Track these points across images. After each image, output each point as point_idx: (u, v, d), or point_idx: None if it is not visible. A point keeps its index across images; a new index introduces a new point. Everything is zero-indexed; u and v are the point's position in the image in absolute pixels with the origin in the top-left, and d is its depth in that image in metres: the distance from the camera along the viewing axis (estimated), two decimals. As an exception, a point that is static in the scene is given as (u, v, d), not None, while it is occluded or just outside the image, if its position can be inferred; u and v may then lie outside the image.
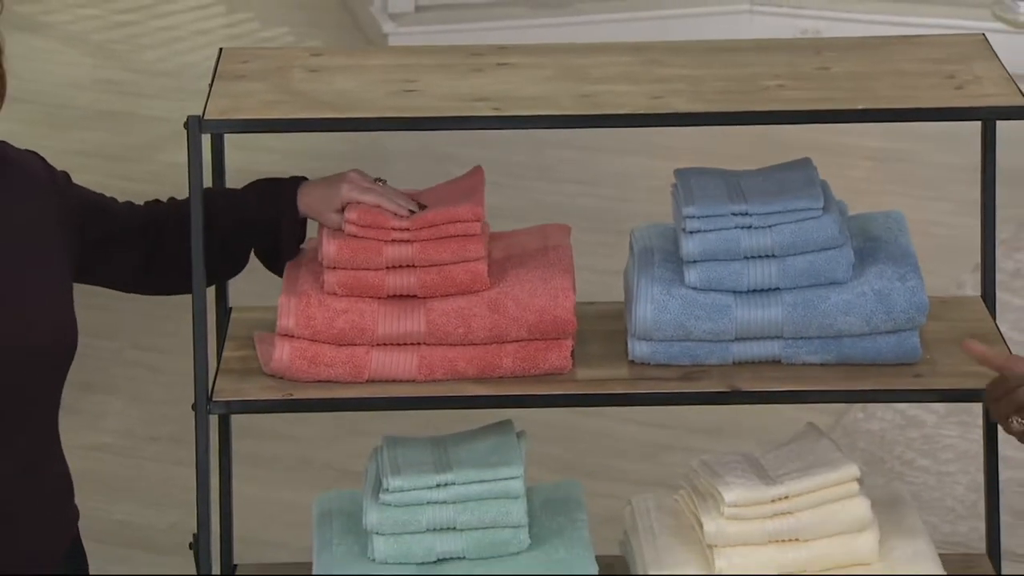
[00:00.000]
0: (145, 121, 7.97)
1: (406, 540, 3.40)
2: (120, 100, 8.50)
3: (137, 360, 3.85)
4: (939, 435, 5.89)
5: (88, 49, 9.23)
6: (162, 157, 6.35)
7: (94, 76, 8.88)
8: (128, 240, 3.40)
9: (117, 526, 5.11)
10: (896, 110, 3.34)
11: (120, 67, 8.94)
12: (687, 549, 3.43)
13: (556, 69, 3.49)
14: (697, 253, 3.41)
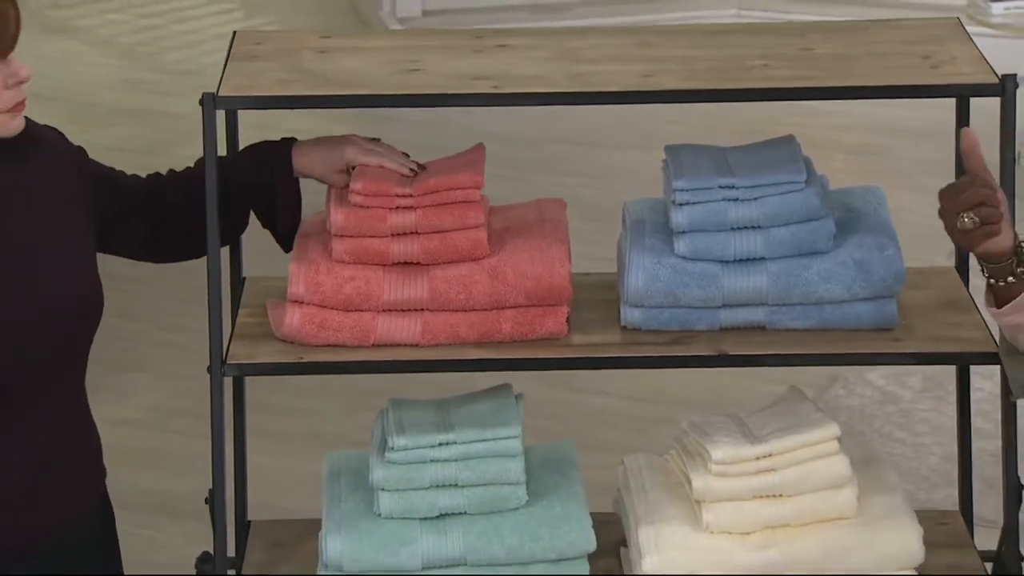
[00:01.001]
0: (168, 118, 7.96)
1: (410, 496, 3.37)
2: (144, 98, 8.49)
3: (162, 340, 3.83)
4: (915, 409, 5.88)
5: (115, 51, 9.21)
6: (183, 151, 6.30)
7: (120, 76, 8.86)
8: (136, 212, 3.37)
9: (141, 493, 5.09)
10: (875, 87, 3.31)
11: (145, 68, 8.92)
12: (676, 504, 3.40)
13: (552, 50, 3.47)
14: (686, 224, 3.38)
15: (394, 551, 3.35)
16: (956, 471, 3.70)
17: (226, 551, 3.43)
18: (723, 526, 3.33)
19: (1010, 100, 3.23)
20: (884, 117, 7.86)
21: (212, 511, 3.43)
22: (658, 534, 3.34)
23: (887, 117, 7.85)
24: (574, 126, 7.03)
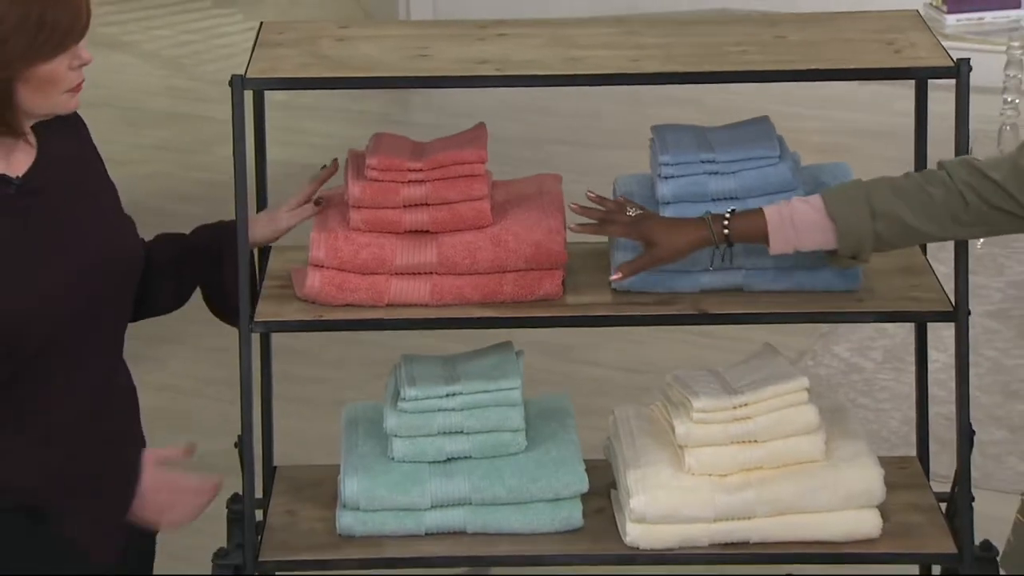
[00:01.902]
0: (206, 121, 7.94)
1: (420, 442, 3.35)
2: (186, 104, 8.47)
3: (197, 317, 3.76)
4: (876, 379, 5.85)
5: (160, 63, 9.20)
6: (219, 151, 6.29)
7: (164, 84, 8.85)
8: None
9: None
10: (842, 70, 3.26)
11: (186, 77, 8.91)
12: (661, 449, 3.37)
13: (548, 38, 3.42)
14: (670, 195, 3.34)
15: (406, 491, 3.33)
16: (914, 434, 3.68)
17: (254, 492, 3.39)
18: (703, 468, 3.30)
19: (964, 81, 3.18)
20: (848, 120, 7.83)
21: (241, 455, 3.40)
22: (644, 476, 3.30)
23: (851, 120, 7.82)
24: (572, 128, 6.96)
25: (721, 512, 3.29)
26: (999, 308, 6.25)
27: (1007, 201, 3.05)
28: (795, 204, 3.16)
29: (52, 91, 2.97)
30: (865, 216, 3.11)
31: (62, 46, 2.92)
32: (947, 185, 3.08)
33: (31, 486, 3.03)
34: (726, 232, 3.19)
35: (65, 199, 3.08)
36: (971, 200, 3.07)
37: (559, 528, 3.36)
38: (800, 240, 3.16)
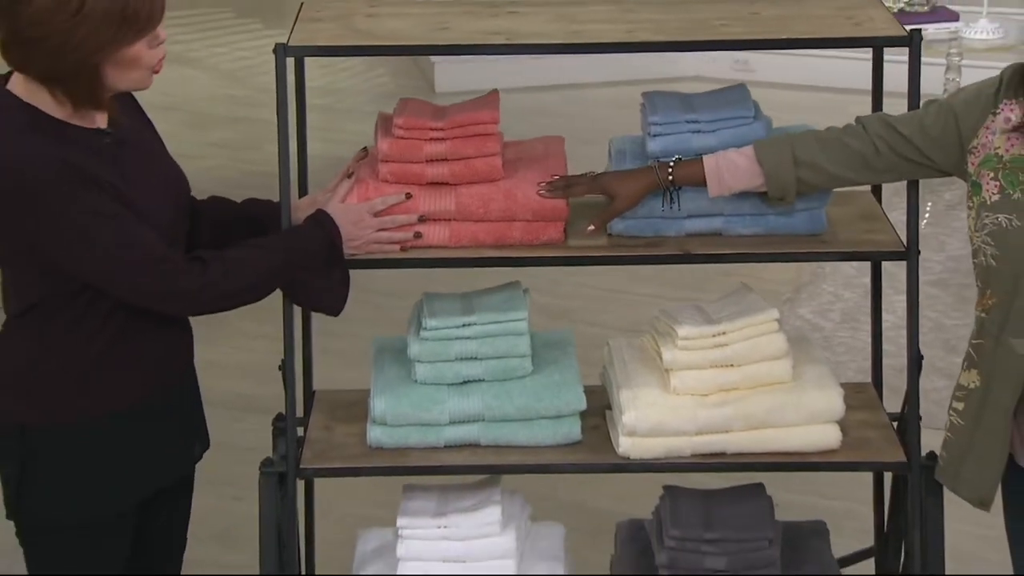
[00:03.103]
0: (259, 123, 7.90)
1: (439, 366, 3.30)
2: (242, 109, 8.45)
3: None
4: (835, 336, 5.82)
5: (220, 75, 9.19)
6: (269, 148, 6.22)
7: (224, 93, 8.84)
8: None
9: (235, 396, 5.00)
10: (810, 39, 3.20)
11: (242, 87, 8.90)
12: (650, 373, 3.31)
13: (553, 15, 3.35)
14: (659, 151, 3.25)
15: (427, 409, 3.28)
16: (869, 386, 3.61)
17: (295, 411, 3.32)
18: (687, 389, 3.25)
19: (916, 49, 3.11)
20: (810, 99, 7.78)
21: (284, 378, 3.33)
22: (635, 396, 3.25)
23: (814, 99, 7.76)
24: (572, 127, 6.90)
25: (702, 426, 3.23)
26: (939, 278, 6.29)
27: (912, 151, 3.07)
28: (729, 154, 3.16)
29: (135, 70, 2.96)
30: (789, 163, 3.11)
31: (142, 32, 2.92)
32: (862, 137, 3.10)
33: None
34: (671, 178, 3.17)
35: (140, 144, 3.12)
36: (882, 150, 3.08)
37: (560, 441, 3.30)
38: (733, 184, 3.16)
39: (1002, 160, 2.92)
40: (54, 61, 2.88)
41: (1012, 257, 2.87)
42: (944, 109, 3.02)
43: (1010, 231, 2.88)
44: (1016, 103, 2.90)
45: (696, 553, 3.28)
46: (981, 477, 3.03)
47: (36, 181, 2.88)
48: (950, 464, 3.10)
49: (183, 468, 3.30)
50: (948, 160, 3.03)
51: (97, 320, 3.03)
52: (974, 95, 3.00)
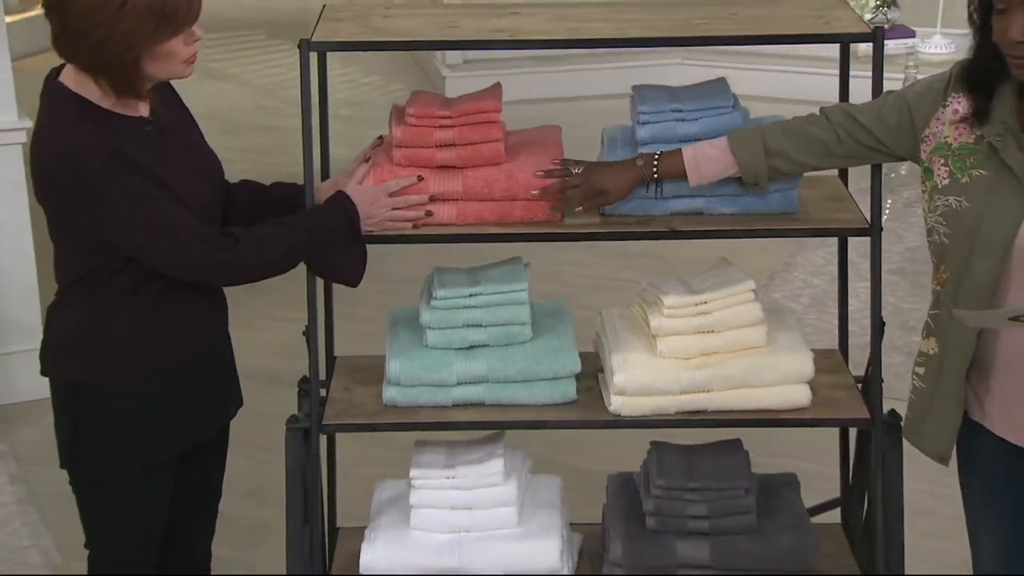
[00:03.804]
0: (286, 131, 7.91)
1: (448, 332, 3.27)
2: (271, 119, 8.43)
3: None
4: (804, 319, 5.78)
5: (252, 88, 9.18)
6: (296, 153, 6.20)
7: (255, 104, 8.83)
8: None
9: (265, 370, 5.00)
10: (784, 35, 3.16)
11: (271, 99, 8.89)
12: (638, 339, 3.28)
13: (552, 15, 3.31)
14: (647, 137, 3.21)
15: (437, 370, 3.25)
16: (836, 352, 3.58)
17: (318, 374, 3.31)
18: (672, 353, 3.22)
19: (879, 44, 3.09)
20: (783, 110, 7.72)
21: (308, 343, 3.30)
22: (625, 359, 3.22)
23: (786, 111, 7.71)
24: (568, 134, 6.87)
25: (685, 386, 3.20)
26: (898, 267, 6.27)
27: (870, 139, 3.05)
28: (704, 146, 3.14)
29: (171, 62, 2.95)
30: (760, 152, 3.10)
31: (180, 29, 2.91)
32: (825, 126, 3.09)
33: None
34: (655, 173, 3.14)
35: (179, 132, 3.12)
36: (843, 138, 3.07)
37: (557, 400, 3.27)
38: (710, 174, 3.14)
39: (951, 148, 2.89)
40: (98, 53, 2.87)
41: (962, 235, 2.85)
42: (899, 100, 3.00)
43: (960, 212, 2.85)
44: (963, 96, 2.88)
45: (680, 501, 3.26)
46: (940, 434, 3.01)
47: (85, 166, 2.88)
48: (913, 423, 3.08)
49: (219, 423, 3.31)
50: (902, 147, 3.01)
51: (139, 290, 3.04)
52: (926, 88, 2.98)
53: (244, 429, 3.58)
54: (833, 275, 5.67)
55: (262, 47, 9.99)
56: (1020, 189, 2.78)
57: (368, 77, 9.06)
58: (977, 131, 2.85)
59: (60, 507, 4.02)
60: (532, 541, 3.29)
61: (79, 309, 3.06)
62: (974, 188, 2.84)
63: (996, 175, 2.82)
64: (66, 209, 2.95)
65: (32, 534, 4.53)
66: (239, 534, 4.40)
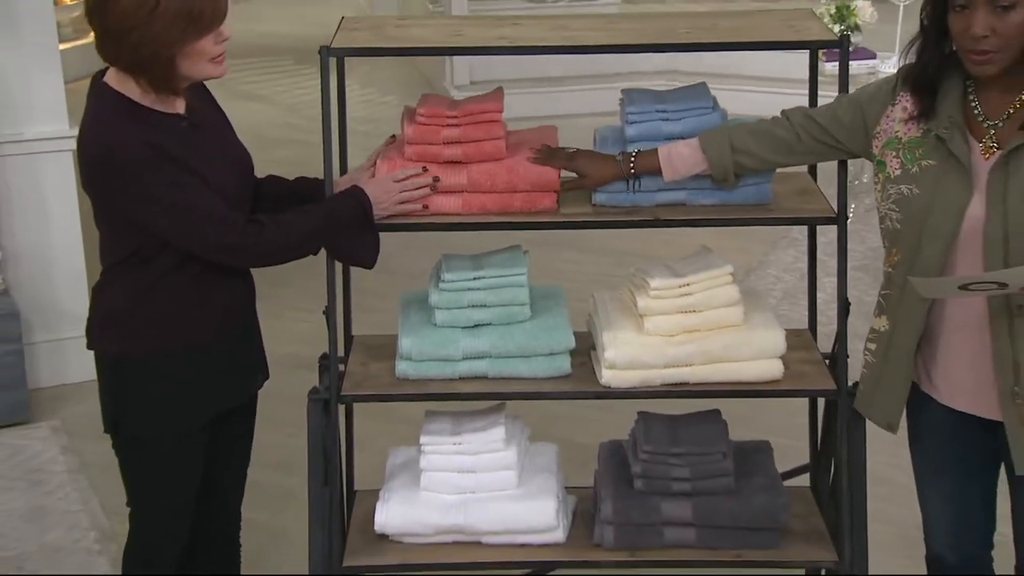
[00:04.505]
0: (311, 146, 7.80)
1: (455, 312, 3.23)
2: (298, 134, 8.41)
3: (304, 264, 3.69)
4: (778, 310, 5.65)
5: (280, 107, 9.17)
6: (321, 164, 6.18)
7: (284, 121, 8.80)
8: None
9: (291, 356, 4.95)
10: (759, 41, 3.13)
11: (298, 116, 8.87)
12: (627, 318, 3.24)
13: (551, 26, 3.28)
14: (635, 135, 3.17)
15: (444, 346, 3.21)
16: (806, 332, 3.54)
17: (336, 350, 3.25)
18: (658, 330, 3.18)
19: (846, 50, 3.06)
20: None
21: (328, 322, 3.24)
22: (615, 336, 3.18)
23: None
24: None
25: (669, 361, 3.16)
26: (861, 264, 6.25)
27: (827, 137, 3.02)
28: (678, 145, 3.11)
29: (201, 60, 2.93)
30: (727, 151, 3.06)
31: (207, 30, 2.89)
32: (786, 127, 3.06)
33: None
34: (632, 169, 3.11)
35: (212, 128, 3.10)
36: (803, 137, 3.04)
37: (553, 374, 3.23)
38: (682, 170, 3.10)
39: (902, 142, 2.88)
40: (136, 53, 2.86)
41: (914, 220, 2.84)
42: (853, 102, 2.99)
43: (910, 198, 2.84)
44: (910, 96, 2.87)
45: (664, 464, 3.22)
46: (889, 405, 3.00)
47: (126, 158, 2.87)
48: (864, 395, 3.06)
49: (247, 392, 3.30)
50: (856, 144, 2.99)
51: (176, 271, 3.02)
52: (876, 89, 2.97)
53: (272, 407, 3.57)
54: (802, 271, 5.67)
55: (289, 71, 9.97)
56: (966, 177, 2.77)
57: (385, 97, 9.02)
58: (924, 126, 2.84)
59: (106, 476, 4.01)
60: (530, 501, 3.26)
61: (121, 289, 3.05)
62: (923, 177, 2.82)
63: (944, 165, 2.80)
64: (108, 196, 2.94)
65: (82, 499, 4.54)
66: (268, 500, 4.40)
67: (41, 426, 5.03)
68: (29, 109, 5.09)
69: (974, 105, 2.79)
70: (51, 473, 4.71)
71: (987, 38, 2.66)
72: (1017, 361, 2.79)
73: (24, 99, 5.07)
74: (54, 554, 4.25)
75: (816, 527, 3.35)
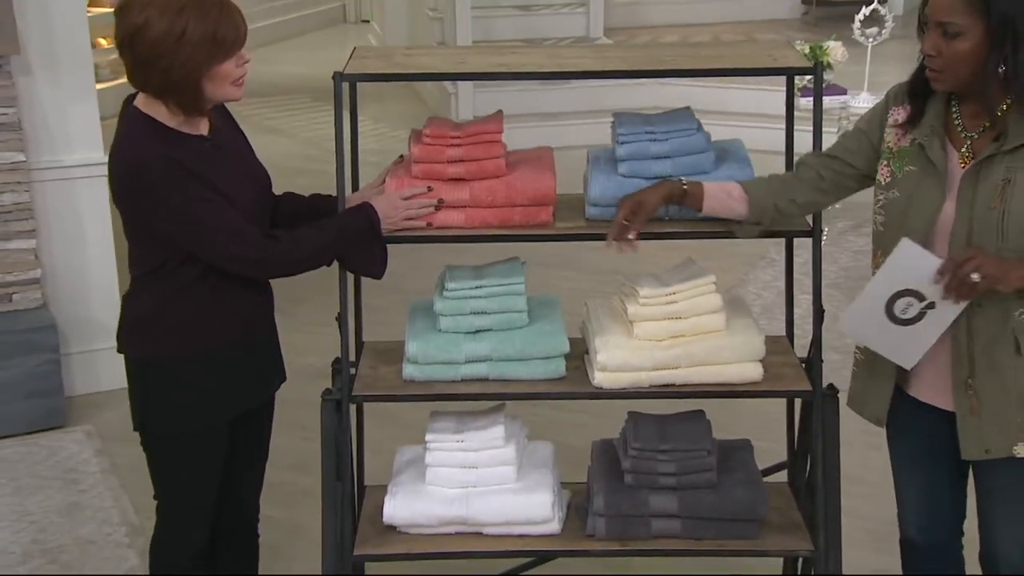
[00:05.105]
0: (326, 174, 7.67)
1: (458, 319, 3.19)
2: (315, 165, 8.38)
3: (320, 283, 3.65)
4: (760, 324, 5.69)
5: (298, 140, 9.15)
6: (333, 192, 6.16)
7: (302, 153, 8.78)
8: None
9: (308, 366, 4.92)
10: (741, 68, 3.10)
11: (315, 149, 8.85)
12: (618, 324, 3.20)
13: (546, 55, 3.26)
14: (625, 155, 3.14)
15: (447, 350, 3.17)
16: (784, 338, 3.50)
17: (348, 355, 3.22)
18: (646, 335, 3.14)
19: (819, 76, 3.03)
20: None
21: (340, 328, 3.21)
22: (607, 341, 3.15)
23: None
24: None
25: (657, 364, 3.12)
26: (834, 282, 6.21)
27: (843, 166, 2.99)
28: (727, 185, 3.03)
29: (224, 83, 2.90)
30: (768, 195, 3.01)
31: (230, 53, 2.87)
32: (808, 169, 3.02)
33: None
34: (684, 185, 3.01)
35: (234, 148, 3.07)
36: (825, 174, 3.00)
37: (550, 376, 3.19)
38: (724, 210, 3.02)
39: (892, 151, 2.89)
40: (165, 77, 2.84)
41: (894, 222, 2.85)
42: (855, 130, 2.99)
43: (893, 201, 2.85)
44: (900, 108, 2.88)
45: (652, 460, 3.18)
46: (877, 401, 2.98)
47: (152, 175, 2.85)
48: (856, 393, 3.05)
49: (265, 394, 3.26)
50: (868, 165, 2.97)
51: (199, 281, 2.99)
52: (871, 113, 2.97)
53: (289, 413, 3.55)
54: (779, 289, 5.64)
55: (307, 108, 9.96)
56: (940, 181, 2.78)
57: (395, 132, 8.99)
58: (911, 135, 2.84)
59: (135, 476, 3.98)
60: (528, 495, 3.22)
61: (148, 297, 3.02)
62: (905, 182, 2.83)
63: (923, 170, 2.81)
64: (136, 211, 2.92)
65: (113, 497, 4.52)
66: (285, 498, 4.37)
67: (76, 430, 5.00)
68: (67, 138, 5.08)
69: (955, 116, 2.80)
70: (85, 473, 4.68)
71: (935, 58, 2.70)
72: (972, 354, 2.78)
73: (62, 129, 5.06)
74: (87, 546, 4.23)
75: (793, 519, 3.31)
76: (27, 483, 4.63)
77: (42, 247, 5.11)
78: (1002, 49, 2.62)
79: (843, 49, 6.62)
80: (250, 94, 3.09)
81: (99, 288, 5.22)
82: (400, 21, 10.53)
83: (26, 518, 4.40)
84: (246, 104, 9.51)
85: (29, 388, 4.95)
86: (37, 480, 4.65)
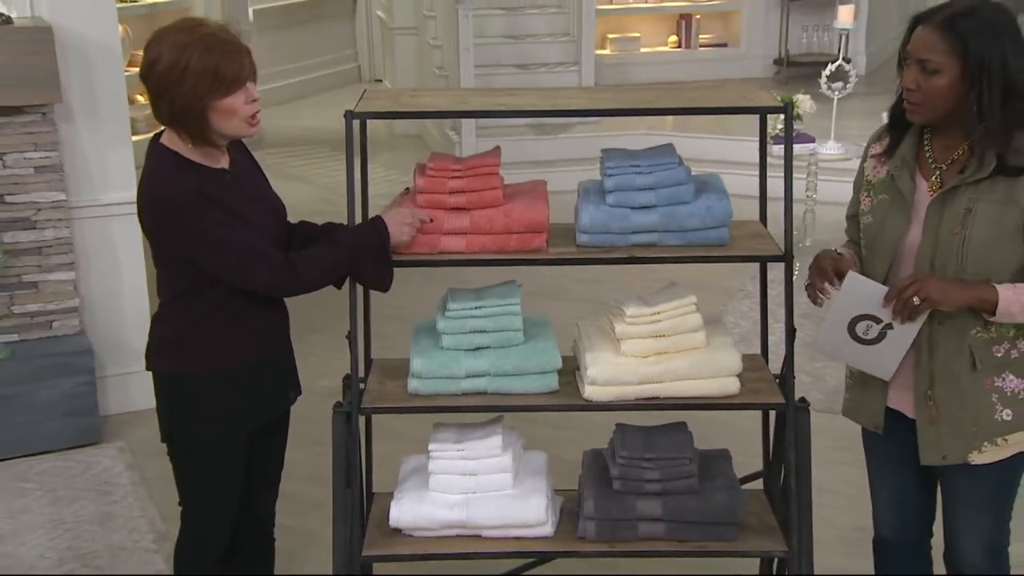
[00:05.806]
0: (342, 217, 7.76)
1: (459, 337, 3.14)
2: (331, 208, 8.32)
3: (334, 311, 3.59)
4: (733, 350, 5.65)
5: (315, 186, 9.13)
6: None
7: (320, 198, 8.76)
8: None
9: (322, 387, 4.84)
10: (718, 107, 3.07)
11: (332, 194, 8.82)
12: (607, 342, 3.15)
13: (541, 96, 3.22)
14: (612, 186, 3.09)
15: (449, 367, 3.12)
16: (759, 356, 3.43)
17: (358, 371, 3.16)
18: (632, 352, 3.09)
19: (790, 114, 3.02)
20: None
21: (350, 347, 3.14)
22: (596, 357, 3.10)
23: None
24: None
25: (642, 378, 3.07)
26: (805, 313, 6.09)
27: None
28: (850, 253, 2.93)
29: (233, 119, 2.86)
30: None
31: (232, 89, 2.83)
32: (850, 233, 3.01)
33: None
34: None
35: (251, 180, 3.05)
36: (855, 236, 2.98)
37: (544, 390, 3.14)
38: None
39: (871, 183, 2.90)
40: (172, 106, 2.82)
41: (868, 244, 2.85)
42: (855, 188, 2.98)
43: (868, 227, 2.89)
44: (878, 144, 2.90)
45: (638, 468, 3.12)
46: (873, 408, 2.95)
47: (177, 202, 2.81)
48: (851, 403, 3.04)
49: (282, 407, 3.22)
50: None
51: (223, 305, 2.96)
52: (861, 164, 2.97)
53: (304, 429, 3.52)
54: (755, 319, 5.60)
55: (325, 157, 9.94)
56: (907, 209, 2.79)
57: (404, 177, 8.96)
58: (886, 166, 2.83)
59: (162, 488, 3.92)
60: (524, 500, 3.16)
61: (176, 319, 2.99)
62: (877, 209, 2.84)
63: (893, 199, 2.82)
64: (163, 237, 2.88)
65: (142, 507, 4.47)
66: (299, 507, 4.31)
67: (109, 447, 4.96)
68: (104, 180, 5.07)
69: (928, 149, 2.79)
70: (117, 485, 4.64)
71: (914, 91, 2.68)
72: (932, 368, 2.76)
73: (100, 171, 5.05)
74: (118, 552, 4.18)
75: (769, 523, 3.25)
76: (64, 495, 4.58)
77: (80, 278, 5.08)
78: (977, 87, 2.61)
79: (811, 101, 6.60)
80: (273, 144, 3.07)
81: (132, 316, 5.19)
82: (410, 79, 10.53)
83: (61, 526, 4.35)
84: (269, 153, 9.54)
85: (67, 408, 4.91)
86: (73, 492, 4.60)
